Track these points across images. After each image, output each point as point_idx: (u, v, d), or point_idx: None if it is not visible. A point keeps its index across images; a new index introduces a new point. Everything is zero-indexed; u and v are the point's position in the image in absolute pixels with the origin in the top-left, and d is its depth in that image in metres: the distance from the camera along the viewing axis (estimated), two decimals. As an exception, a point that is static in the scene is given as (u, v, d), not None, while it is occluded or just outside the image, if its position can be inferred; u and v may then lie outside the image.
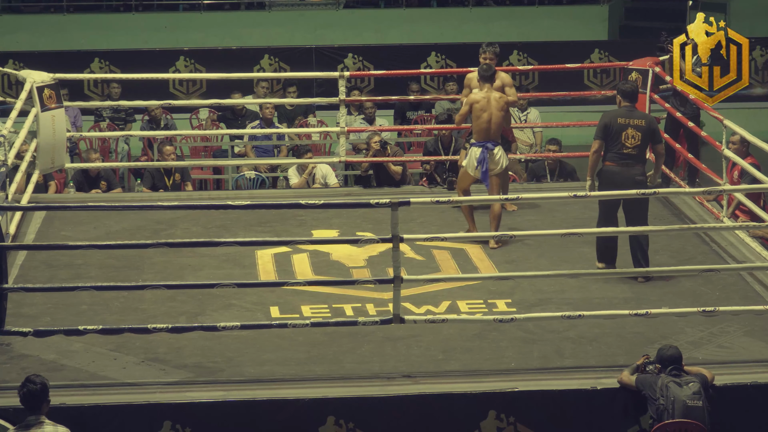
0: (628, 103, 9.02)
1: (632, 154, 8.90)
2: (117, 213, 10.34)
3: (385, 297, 8.18)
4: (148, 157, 13.60)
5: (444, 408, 7.36)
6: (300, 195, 11.43)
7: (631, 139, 8.91)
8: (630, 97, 9.04)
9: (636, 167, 8.90)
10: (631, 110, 9.02)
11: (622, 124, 8.94)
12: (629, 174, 8.87)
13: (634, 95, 9.09)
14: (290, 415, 7.27)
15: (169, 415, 7.19)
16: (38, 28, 17.99)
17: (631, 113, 8.99)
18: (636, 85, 9.24)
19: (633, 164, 8.89)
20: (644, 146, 8.94)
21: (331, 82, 13.69)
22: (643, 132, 8.90)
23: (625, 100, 9.03)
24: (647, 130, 8.90)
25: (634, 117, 8.95)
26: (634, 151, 8.89)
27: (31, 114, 10.36)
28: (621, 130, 8.92)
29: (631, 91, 9.05)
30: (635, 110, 9.04)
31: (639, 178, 8.89)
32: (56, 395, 6.74)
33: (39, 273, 9.04)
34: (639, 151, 8.91)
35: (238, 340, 7.93)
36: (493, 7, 18.99)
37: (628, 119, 8.94)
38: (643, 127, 8.90)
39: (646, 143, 8.94)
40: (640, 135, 8.89)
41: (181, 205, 9.77)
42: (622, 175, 8.87)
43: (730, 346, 7.97)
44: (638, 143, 8.90)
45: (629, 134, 8.90)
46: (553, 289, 8.73)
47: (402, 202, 7.60)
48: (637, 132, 8.90)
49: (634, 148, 8.90)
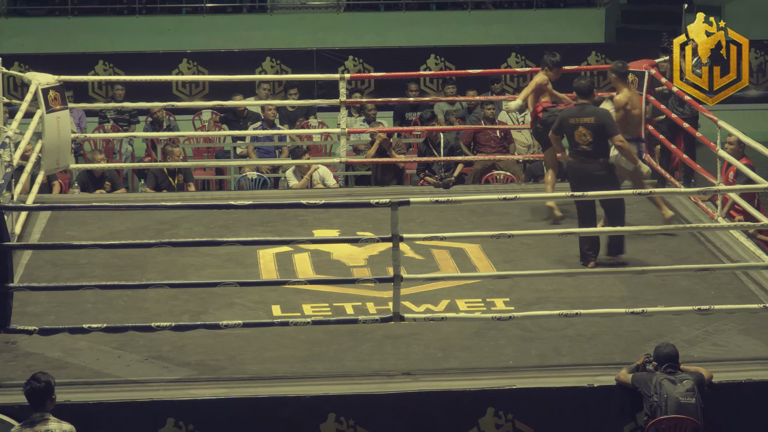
0: (582, 100, 9.10)
1: (587, 150, 9.02)
2: (121, 213, 10.37)
3: (385, 296, 8.22)
4: (151, 157, 13.66)
5: (443, 405, 7.39)
6: (301, 195, 11.44)
7: (582, 137, 9.02)
8: (583, 93, 9.10)
9: (593, 163, 9.01)
10: (582, 108, 9.09)
11: (573, 123, 9.07)
12: (588, 170, 9.02)
13: (588, 92, 9.11)
14: (292, 412, 7.30)
15: (172, 412, 7.23)
16: (43, 31, 18.01)
17: (582, 111, 9.07)
18: (592, 82, 9.20)
19: (589, 160, 9.01)
20: (599, 142, 8.99)
21: (331, 84, 13.72)
22: (593, 129, 8.99)
23: (579, 96, 9.12)
24: (597, 127, 8.97)
25: (584, 115, 9.04)
26: (589, 147, 9.01)
27: (37, 115, 10.37)
28: (573, 129, 9.07)
29: (584, 88, 9.10)
30: (587, 107, 9.09)
31: (597, 173, 8.99)
32: (61, 393, 6.78)
33: (44, 272, 9.07)
34: (594, 147, 8.99)
35: (240, 338, 7.95)
36: (492, 10, 19.01)
37: (578, 118, 9.05)
38: (592, 124, 8.98)
39: (599, 139, 8.99)
40: (591, 132, 8.98)
41: (184, 205, 9.79)
42: (582, 171, 9.05)
43: (725, 344, 8.00)
44: (591, 140, 8.99)
45: (581, 132, 9.02)
46: (550, 288, 8.76)
47: (402, 202, 7.63)
48: (588, 129, 9.00)
49: (588, 144, 9.01)
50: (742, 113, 9.98)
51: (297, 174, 12.18)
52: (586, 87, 9.13)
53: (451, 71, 16.11)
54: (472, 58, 16.28)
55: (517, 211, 10.40)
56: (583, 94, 9.12)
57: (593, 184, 8.91)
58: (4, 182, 8.88)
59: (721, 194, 9.87)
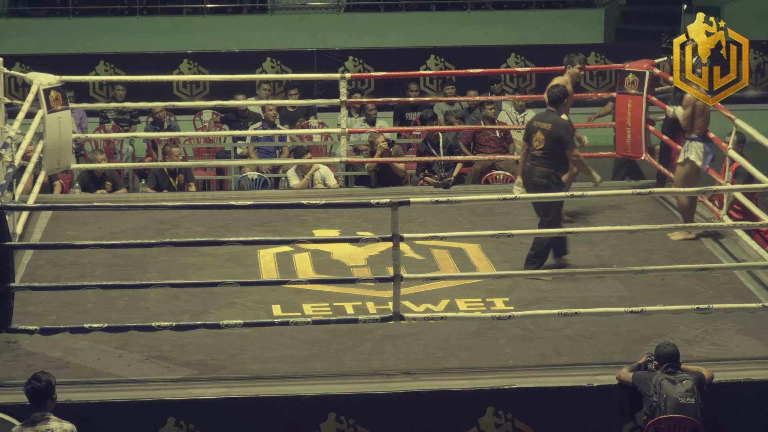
0: (550, 107, 9.14)
1: (537, 155, 9.06)
2: (122, 213, 10.39)
3: (385, 295, 8.24)
4: (152, 157, 13.68)
5: (443, 405, 7.41)
6: (301, 195, 11.47)
7: (537, 142, 9.06)
8: (551, 101, 9.15)
9: (538, 169, 9.04)
10: (547, 114, 9.14)
11: (535, 126, 9.13)
12: (532, 175, 9.08)
13: (557, 101, 9.13)
14: (292, 411, 7.32)
15: (173, 412, 7.25)
16: (44, 32, 18.05)
17: (545, 117, 9.12)
18: (563, 91, 9.19)
19: (536, 166, 9.05)
20: (550, 150, 9.00)
21: (332, 84, 13.73)
22: (546, 136, 9.02)
23: (548, 104, 9.18)
24: (550, 136, 9.00)
25: (545, 121, 9.08)
26: (539, 152, 9.04)
27: (38, 116, 10.38)
28: (532, 133, 9.12)
29: (554, 96, 9.14)
30: (551, 114, 9.12)
31: (535, 180, 9.04)
32: (62, 392, 6.79)
33: (45, 272, 9.10)
34: (544, 153, 9.02)
35: (241, 337, 7.98)
36: (492, 10, 19.05)
37: (540, 123, 9.11)
38: (547, 131, 9.02)
39: (551, 147, 9.00)
40: (545, 139, 9.01)
41: (185, 205, 9.80)
42: (529, 175, 9.11)
43: (723, 344, 8.02)
44: (542, 146, 9.02)
45: (537, 137, 9.07)
46: (550, 288, 8.78)
47: (402, 202, 7.65)
48: (542, 135, 9.03)
49: (539, 150, 9.04)
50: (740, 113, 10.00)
51: (298, 173, 12.20)
52: (556, 96, 9.14)
53: (451, 71, 16.13)
54: (471, 58, 16.29)
55: (517, 211, 10.39)
56: (551, 102, 9.17)
57: (533, 189, 9.02)
58: (5, 182, 8.87)
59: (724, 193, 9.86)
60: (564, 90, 9.21)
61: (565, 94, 9.20)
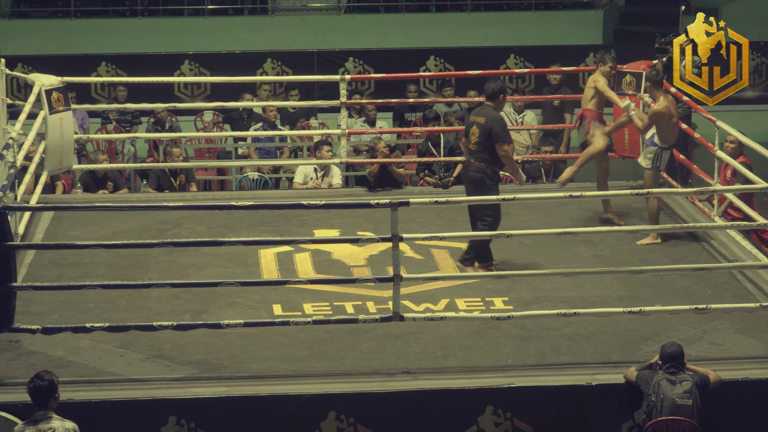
0: (488, 101, 9.17)
1: (473, 150, 9.10)
2: (123, 213, 10.41)
3: (385, 295, 8.26)
4: (153, 158, 13.71)
5: (442, 403, 7.44)
6: (302, 196, 11.49)
7: (472, 136, 9.11)
8: (488, 96, 9.17)
9: (473, 164, 9.08)
10: (482, 109, 9.19)
11: (471, 121, 9.17)
12: (469, 169, 9.12)
13: (493, 95, 9.15)
14: (292, 410, 7.35)
15: (174, 411, 7.29)
16: (46, 33, 18.06)
17: (480, 112, 9.16)
18: (500, 87, 9.24)
19: (472, 159, 9.10)
20: (485, 144, 9.03)
21: (332, 86, 13.78)
22: (480, 130, 9.05)
23: (486, 98, 9.20)
24: (483, 130, 9.03)
25: (480, 115, 9.12)
26: (475, 147, 9.08)
27: (40, 116, 10.40)
28: (469, 127, 9.17)
29: (489, 90, 9.16)
30: (485, 109, 9.15)
31: (471, 174, 9.09)
32: (64, 391, 6.82)
33: (47, 272, 9.12)
34: (479, 147, 9.05)
35: (242, 337, 8.00)
36: (491, 12, 19.05)
37: (475, 117, 9.14)
38: (482, 125, 9.05)
39: (485, 142, 9.03)
40: (479, 133, 9.05)
41: (186, 205, 9.89)
42: (466, 169, 9.17)
43: (721, 343, 8.05)
44: (478, 140, 9.06)
45: (472, 131, 9.12)
46: (549, 288, 8.80)
47: (401, 203, 7.67)
48: (477, 129, 9.07)
49: (475, 144, 9.08)
50: (738, 114, 10.04)
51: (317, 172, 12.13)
52: (491, 90, 9.17)
53: (450, 72, 16.16)
54: (471, 59, 16.34)
55: (516, 211, 10.38)
56: (488, 96, 9.20)
57: (469, 184, 9.08)
58: (7, 183, 8.90)
59: (717, 194, 9.91)
60: (501, 86, 9.21)
61: (502, 90, 9.20)
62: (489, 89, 9.18)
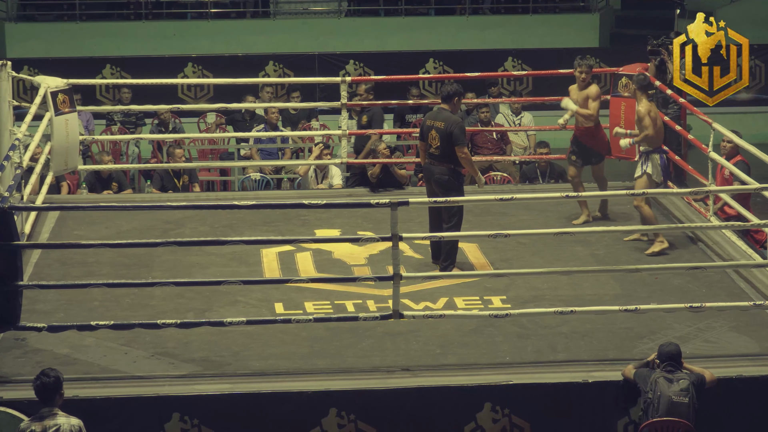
0: (443, 104, 9.22)
1: (435, 154, 9.15)
2: (128, 213, 10.44)
3: (385, 294, 8.30)
4: (157, 159, 13.77)
5: (441, 400, 7.48)
6: (303, 196, 11.51)
7: (433, 140, 9.15)
8: (444, 98, 9.23)
9: (439, 167, 9.13)
10: (439, 113, 9.22)
11: (429, 125, 9.20)
12: (432, 172, 9.15)
13: (448, 98, 9.19)
14: (294, 407, 7.39)
15: (178, 407, 7.32)
16: (52, 36, 18.13)
17: (437, 116, 9.20)
18: (456, 90, 9.22)
19: (436, 164, 9.14)
20: (445, 147, 9.08)
21: (333, 87, 13.88)
22: (440, 134, 9.09)
23: (441, 101, 9.26)
24: (444, 133, 9.07)
25: (438, 119, 9.16)
26: (437, 151, 9.13)
27: (46, 118, 10.41)
28: (427, 132, 9.21)
29: (445, 93, 9.20)
30: (442, 113, 9.18)
31: (437, 177, 9.13)
32: (69, 388, 6.86)
33: (53, 271, 9.16)
34: (441, 151, 9.10)
35: (244, 335, 8.04)
36: (489, 15, 19.12)
37: (433, 121, 9.18)
38: (441, 129, 9.09)
39: (446, 145, 9.08)
40: (439, 137, 9.10)
41: (189, 205, 9.90)
42: (429, 172, 9.19)
43: (716, 341, 8.09)
44: (438, 144, 9.10)
45: (432, 135, 9.15)
46: (546, 286, 8.84)
47: (401, 202, 7.71)
48: (437, 134, 9.11)
49: (437, 148, 9.13)
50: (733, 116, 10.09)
51: (317, 176, 12.24)
52: (446, 93, 9.20)
53: (449, 75, 16.23)
54: (469, 61, 16.41)
55: (514, 211, 10.46)
56: (443, 98, 9.25)
57: (436, 186, 9.10)
58: (14, 183, 8.95)
59: (712, 194, 9.96)
60: (457, 89, 9.23)
61: (458, 92, 9.23)
62: (445, 92, 9.22)
